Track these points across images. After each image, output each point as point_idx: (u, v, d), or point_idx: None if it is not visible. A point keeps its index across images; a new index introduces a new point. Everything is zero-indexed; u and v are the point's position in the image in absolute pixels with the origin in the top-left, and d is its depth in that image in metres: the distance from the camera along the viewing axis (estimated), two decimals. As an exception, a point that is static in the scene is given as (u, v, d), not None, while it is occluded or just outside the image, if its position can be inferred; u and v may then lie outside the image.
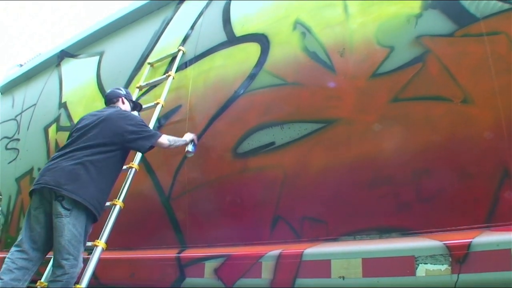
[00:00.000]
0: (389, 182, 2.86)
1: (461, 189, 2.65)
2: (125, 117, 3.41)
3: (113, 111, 3.46)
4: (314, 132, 3.19)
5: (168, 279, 3.59)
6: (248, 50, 3.78)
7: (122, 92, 3.81)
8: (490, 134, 2.58)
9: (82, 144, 3.22)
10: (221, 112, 3.75)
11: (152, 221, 4.14)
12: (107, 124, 3.31)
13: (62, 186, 3.00)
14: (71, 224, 2.98)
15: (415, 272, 2.49)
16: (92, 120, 3.39)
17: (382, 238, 2.84)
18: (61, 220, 2.97)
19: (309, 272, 2.88)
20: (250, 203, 3.51)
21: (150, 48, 4.90)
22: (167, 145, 3.49)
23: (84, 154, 3.16)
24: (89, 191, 3.07)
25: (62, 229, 2.96)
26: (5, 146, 6.82)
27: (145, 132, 3.38)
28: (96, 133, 3.27)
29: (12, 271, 2.98)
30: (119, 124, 3.32)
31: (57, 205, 3.00)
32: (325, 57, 3.24)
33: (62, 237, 2.95)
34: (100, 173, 3.17)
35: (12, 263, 3.01)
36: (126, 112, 3.54)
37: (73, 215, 3.00)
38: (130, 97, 3.88)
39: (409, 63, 2.89)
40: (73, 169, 3.08)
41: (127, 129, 3.30)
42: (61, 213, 2.98)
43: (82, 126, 3.40)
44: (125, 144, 3.31)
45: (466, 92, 2.67)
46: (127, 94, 3.85)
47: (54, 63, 6.67)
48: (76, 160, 3.13)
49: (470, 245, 2.38)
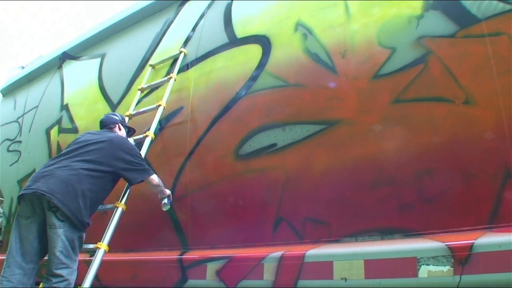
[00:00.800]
0: (391, 183, 2.86)
1: (463, 190, 2.65)
2: (126, 145, 3.41)
3: (115, 136, 3.45)
4: (316, 133, 3.19)
5: (170, 281, 3.59)
6: (249, 52, 3.78)
7: (118, 118, 3.80)
8: (492, 135, 2.58)
9: (81, 157, 3.20)
10: (223, 114, 3.75)
11: (154, 223, 4.14)
12: (109, 146, 3.30)
13: (54, 194, 2.94)
14: (64, 235, 2.94)
15: (418, 274, 2.49)
16: (94, 138, 3.38)
17: (384, 239, 2.84)
18: (55, 231, 2.93)
19: (311, 273, 2.88)
20: (252, 205, 3.51)
21: (152, 50, 4.90)
22: (156, 183, 3.49)
23: (81, 167, 3.13)
24: (77, 206, 3.01)
25: (56, 240, 2.92)
26: (7, 148, 6.82)
27: (141, 166, 3.39)
28: (96, 149, 3.25)
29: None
30: (119, 151, 3.31)
31: (51, 216, 2.95)
32: (326, 59, 3.24)
33: (55, 248, 2.91)
34: (91, 189, 3.11)
35: (8, 282, 2.93)
36: (127, 141, 3.52)
37: (66, 225, 2.96)
38: (125, 123, 3.88)
39: (410, 64, 2.89)
40: (68, 180, 3.03)
41: (125, 158, 3.30)
42: (55, 224, 2.94)
43: (82, 140, 3.39)
44: (118, 171, 3.28)
45: (468, 93, 2.68)
46: (123, 119, 3.86)
47: (56, 65, 6.68)
48: (72, 171, 3.09)
49: (473, 246, 2.38)
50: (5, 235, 6.51)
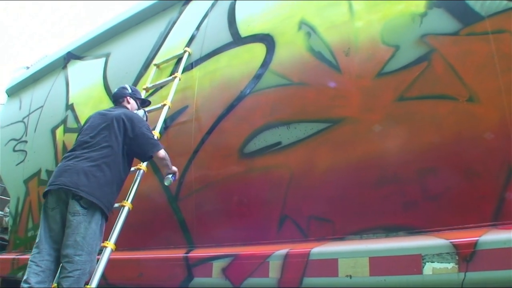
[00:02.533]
0: (395, 181, 2.87)
1: (467, 187, 2.66)
2: (133, 120, 3.42)
3: (122, 112, 3.47)
4: (320, 131, 3.20)
5: (176, 279, 3.60)
6: (253, 51, 3.79)
7: (128, 91, 3.82)
8: (496, 132, 2.58)
9: (97, 146, 3.26)
10: (227, 113, 3.76)
11: (160, 222, 4.16)
12: (114, 127, 3.33)
13: (79, 188, 3.06)
14: (87, 222, 3.03)
15: (422, 271, 2.49)
16: (103, 120, 3.41)
17: (388, 237, 2.85)
18: (78, 218, 3.02)
19: (316, 271, 2.88)
20: (257, 203, 3.52)
21: (156, 49, 4.92)
22: (162, 157, 3.49)
23: (99, 156, 3.21)
24: (104, 193, 3.13)
25: (78, 226, 3.01)
26: (13, 148, 6.86)
27: (152, 139, 3.44)
28: (108, 134, 3.31)
29: (38, 274, 3.03)
30: (127, 126, 3.35)
31: (74, 204, 3.05)
32: (330, 57, 3.25)
33: (77, 234, 2.99)
34: (113, 175, 3.23)
35: (36, 266, 3.05)
36: (134, 115, 3.53)
37: (89, 213, 3.06)
38: (136, 95, 3.88)
39: (414, 62, 2.89)
40: (90, 171, 3.13)
41: (135, 132, 3.35)
42: (78, 211, 3.03)
43: (93, 125, 3.43)
44: (131, 146, 3.35)
45: (471, 91, 2.68)
46: (133, 92, 3.86)
47: (60, 65, 6.71)
48: (93, 162, 3.18)
49: (477, 244, 2.37)
50: (12, 234, 6.55)
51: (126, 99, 3.77)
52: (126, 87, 3.88)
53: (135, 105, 3.82)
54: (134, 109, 3.79)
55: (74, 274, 2.94)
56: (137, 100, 3.86)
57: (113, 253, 3.31)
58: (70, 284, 2.91)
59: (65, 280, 2.93)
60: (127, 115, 3.46)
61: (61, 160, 3.40)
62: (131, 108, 3.75)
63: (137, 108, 3.83)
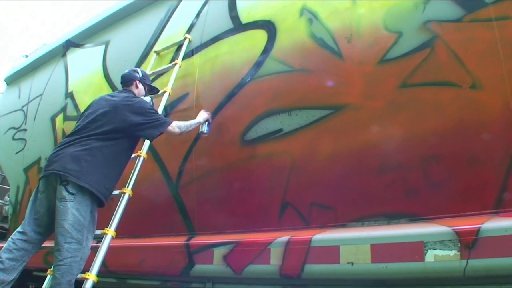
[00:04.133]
0: (398, 168, 2.86)
1: (469, 174, 2.65)
2: (133, 105, 3.38)
3: (123, 98, 3.44)
4: (322, 118, 3.18)
5: (177, 266, 3.60)
6: (254, 37, 3.76)
7: (138, 75, 3.78)
8: (499, 120, 2.57)
9: (91, 132, 3.24)
10: (228, 100, 3.75)
11: (161, 209, 4.16)
12: (116, 112, 3.31)
13: (67, 171, 3.04)
14: (74, 209, 3.00)
15: (424, 258, 2.49)
16: (102, 106, 3.39)
17: (390, 224, 2.84)
18: (65, 204, 3.00)
19: (318, 258, 2.89)
20: (258, 190, 3.51)
21: (156, 36, 4.89)
22: (178, 133, 3.49)
23: (91, 141, 3.19)
24: (95, 177, 3.10)
25: (65, 213, 2.99)
26: (12, 137, 6.84)
27: (154, 120, 3.38)
28: (105, 121, 3.28)
29: (11, 251, 3.08)
30: (126, 113, 3.31)
31: (61, 189, 3.03)
32: (332, 43, 3.22)
33: (65, 221, 2.97)
34: (107, 160, 3.19)
35: (12, 244, 3.11)
36: (135, 99, 3.49)
37: (77, 199, 3.03)
38: (146, 81, 3.83)
39: (417, 48, 2.87)
40: (79, 155, 3.12)
41: (133, 119, 3.30)
42: (65, 197, 3.01)
43: (91, 112, 3.41)
44: (133, 133, 3.33)
45: (474, 78, 2.66)
46: (143, 77, 3.82)
47: (60, 53, 6.67)
48: (83, 146, 3.17)
49: (479, 231, 2.37)
50: (12, 223, 6.55)
51: (135, 83, 3.74)
52: (137, 70, 3.85)
53: (143, 91, 3.78)
54: (141, 94, 3.75)
55: (66, 262, 2.93)
56: (146, 86, 3.83)
57: (113, 240, 3.31)
58: (62, 273, 2.92)
59: (58, 268, 2.94)
60: (129, 100, 3.44)
61: (58, 145, 3.38)
62: (138, 93, 3.72)
63: (144, 94, 3.79)
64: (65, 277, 2.92)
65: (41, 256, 4.51)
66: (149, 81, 3.89)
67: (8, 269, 3.04)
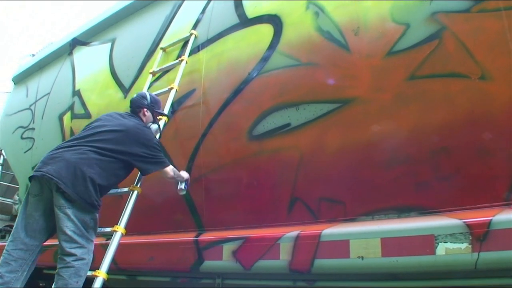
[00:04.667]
0: (407, 161, 2.84)
1: (480, 166, 2.63)
2: (141, 134, 3.33)
3: (132, 126, 3.37)
4: (330, 112, 3.16)
5: (186, 262, 3.61)
6: (261, 32, 3.74)
7: (146, 101, 3.66)
8: (509, 111, 2.54)
9: (93, 144, 3.18)
10: (235, 95, 3.73)
11: (170, 206, 4.16)
12: (123, 136, 3.26)
13: (62, 179, 2.96)
14: (73, 215, 2.97)
15: (435, 251, 2.48)
16: (112, 125, 3.34)
17: (400, 217, 2.83)
18: (65, 211, 2.96)
19: (327, 252, 2.88)
20: (267, 185, 3.51)
21: (162, 33, 4.87)
22: (171, 176, 3.46)
23: (91, 152, 3.13)
24: (87, 189, 3.02)
25: (66, 220, 2.96)
26: (20, 136, 6.86)
27: (155, 157, 3.34)
28: (110, 138, 3.23)
29: (9, 263, 2.99)
30: (134, 142, 3.26)
31: (58, 197, 2.98)
32: (339, 36, 3.20)
33: (67, 228, 2.95)
34: (101, 174, 3.12)
35: (8, 255, 3.01)
36: (144, 130, 3.42)
37: (76, 206, 2.99)
38: (154, 108, 3.71)
39: (425, 40, 2.84)
40: (76, 163, 3.04)
41: (139, 150, 3.25)
42: (64, 205, 2.96)
43: (99, 125, 3.37)
44: (130, 161, 3.27)
45: (483, 69, 2.63)
46: (152, 103, 3.70)
47: (66, 51, 6.68)
48: (81, 154, 3.10)
49: (491, 223, 2.36)
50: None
51: (143, 111, 3.64)
52: (146, 96, 3.73)
53: (151, 118, 3.68)
54: (149, 121, 3.67)
55: (73, 264, 2.92)
56: (154, 112, 3.72)
57: (123, 237, 3.31)
58: (69, 275, 2.90)
59: (65, 270, 2.91)
60: (140, 129, 3.38)
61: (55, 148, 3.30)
62: (146, 121, 3.64)
63: (152, 121, 3.69)
64: (72, 279, 2.91)
65: (51, 255, 4.52)
66: (157, 107, 3.76)
67: (9, 282, 2.99)
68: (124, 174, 3.35)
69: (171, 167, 3.45)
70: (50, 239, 3.20)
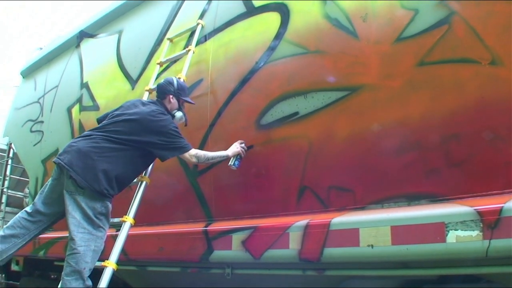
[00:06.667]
0: (417, 148, 2.81)
1: (491, 153, 2.59)
2: (154, 122, 3.33)
3: (149, 112, 3.38)
4: (339, 100, 3.13)
5: (196, 252, 3.62)
6: (268, 20, 3.71)
7: (172, 88, 3.64)
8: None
9: (108, 134, 3.26)
10: (243, 84, 3.71)
11: (179, 196, 4.16)
12: (137, 124, 3.30)
13: (73, 167, 3.08)
14: (83, 202, 3.05)
15: (446, 239, 2.45)
16: (129, 113, 3.38)
17: (411, 205, 2.80)
18: (75, 197, 3.06)
19: (337, 241, 2.87)
20: (276, 174, 3.49)
21: (169, 23, 4.86)
22: (194, 162, 3.46)
23: (104, 141, 3.21)
24: (97, 177, 3.09)
25: (76, 205, 3.06)
26: (29, 129, 6.90)
27: (172, 143, 3.34)
28: (124, 128, 3.29)
29: (15, 228, 3.20)
30: (145, 129, 3.30)
31: (70, 183, 3.08)
32: (347, 23, 3.16)
33: (76, 212, 3.05)
34: (112, 162, 3.18)
35: (18, 221, 3.22)
36: (159, 117, 3.38)
37: (86, 193, 3.07)
38: (181, 94, 3.68)
39: (434, 25, 2.79)
40: (88, 151, 3.15)
41: (149, 137, 3.28)
42: (74, 191, 3.07)
43: (119, 114, 3.43)
44: (146, 149, 3.32)
45: (494, 54, 2.59)
46: (179, 90, 3.67)
47: (73, 44, 6.69)
48: (94, 143, 3.19)
49: (502, 210, 2.33)
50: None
51: (169, 98, 3.63)
52: (173, 82, 3.68)
53: (176, 105, 3.67)
54: (174, 109, 3.66)
55: (79, 250, 2.99)
56: (181, 99, 3.69)
57: (132, 228, 3.33)
58: (76, 261, 2.98)
59: (72, 256, 2.99)
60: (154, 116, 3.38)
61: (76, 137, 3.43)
62: (171, 108, 3.64)
63: (177, 108, 3.68)
64: (80, 265, 2.98)
65: (62, 246, 4.55)
66: (184, 94, 3.72)
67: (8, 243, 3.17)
68: (142, 162, 3.41)
69: (194, 152, 3.43)
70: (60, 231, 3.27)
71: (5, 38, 32.13)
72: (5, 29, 31.26)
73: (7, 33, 31.51)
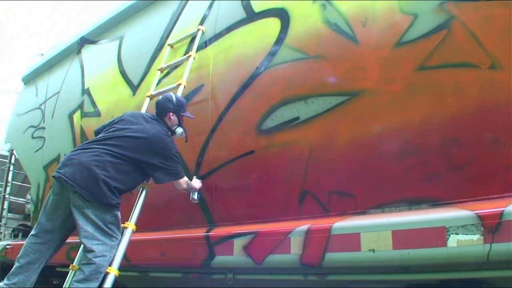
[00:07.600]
0: (418, 153, 2.82)
1: (491, 156, 2.60)
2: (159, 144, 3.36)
3: (156, 132, 3.40)
4: (339, 105, 3.14)
5: (198, 258, 3.62)
6: (268, 26, 3.72)
7: (172, 104, 3.63)
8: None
9: (110, 148, 3.24)
10: (244, 90, 3.72)
11: (180, 202, 4.16)
12: (142, 144, 3.30)
13: (76, 182, 3.06)
14: (92, 215, 3.06)
15: (447, 243, 2.45)
16: (133, 129, 3.38)
17: (411, 209, 2.81)
18: (83, 211, 3.05)
19: (338, 246, 2.87)
20: (277, 179, 3.50)
21: (169, 29, 4.88)
22: (183, 188, 3.55)
23: (106, 155, 3.20)
24: (102, 190, 3.08)
25: (86, 219, 3.05)
26: (31, 135, 6.91)
27: (171, 168, 3.38)
28: (128, 145, 3.28)
29: (28, 255, 3.20)
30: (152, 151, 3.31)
31: (76, 198, 3.07)
32: (347, 28, 3.17)
33: (87, 225, 3.04)
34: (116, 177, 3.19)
35: (29, 247, 3.22)
36: (164, 139, 3.43)
37: (95, 206, 3.08)
38: (180, 111, 3.69)
39: (433, 30, 2.81)
40: (90, 166, 3.11)
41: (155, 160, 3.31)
42: (82, 205, 3.06)
43: (120, 127, 3.41)
44: (144, 168, 3.35)
45: (493, 58, 2.60)
46: (178, 106, 3.67)
47: (74, 50, 6.71)
48: (96, 156, 3.17)
49: (503, 214, 2.33)
50: (34, 221, 6.64)
51: (169, 115, 3.63)
52: (171, 98, 3.68)
53: (176, 122, 3.68)
54: (175, 125, 3.68)
55: (96, 261, 3.00)
56: (180, 116, 3.70)
57: (134, 234, 3.33)
58: (91, 271, 2.99)
59: (87, 266, 2.99)
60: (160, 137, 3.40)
61: (75, 149, 3.41)
62: (171, 124, 3.65)
63: (177, 124, 3.70)
64: (94, 275, 2.99)
65: (63, 252, 4.55)
66: (183, 110, 3.71)
67: (27, 271, 3.19)
68: (141, 177, 3.42)
69: (185, 179, 3.50)
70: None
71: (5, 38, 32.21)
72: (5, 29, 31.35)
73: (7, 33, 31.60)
